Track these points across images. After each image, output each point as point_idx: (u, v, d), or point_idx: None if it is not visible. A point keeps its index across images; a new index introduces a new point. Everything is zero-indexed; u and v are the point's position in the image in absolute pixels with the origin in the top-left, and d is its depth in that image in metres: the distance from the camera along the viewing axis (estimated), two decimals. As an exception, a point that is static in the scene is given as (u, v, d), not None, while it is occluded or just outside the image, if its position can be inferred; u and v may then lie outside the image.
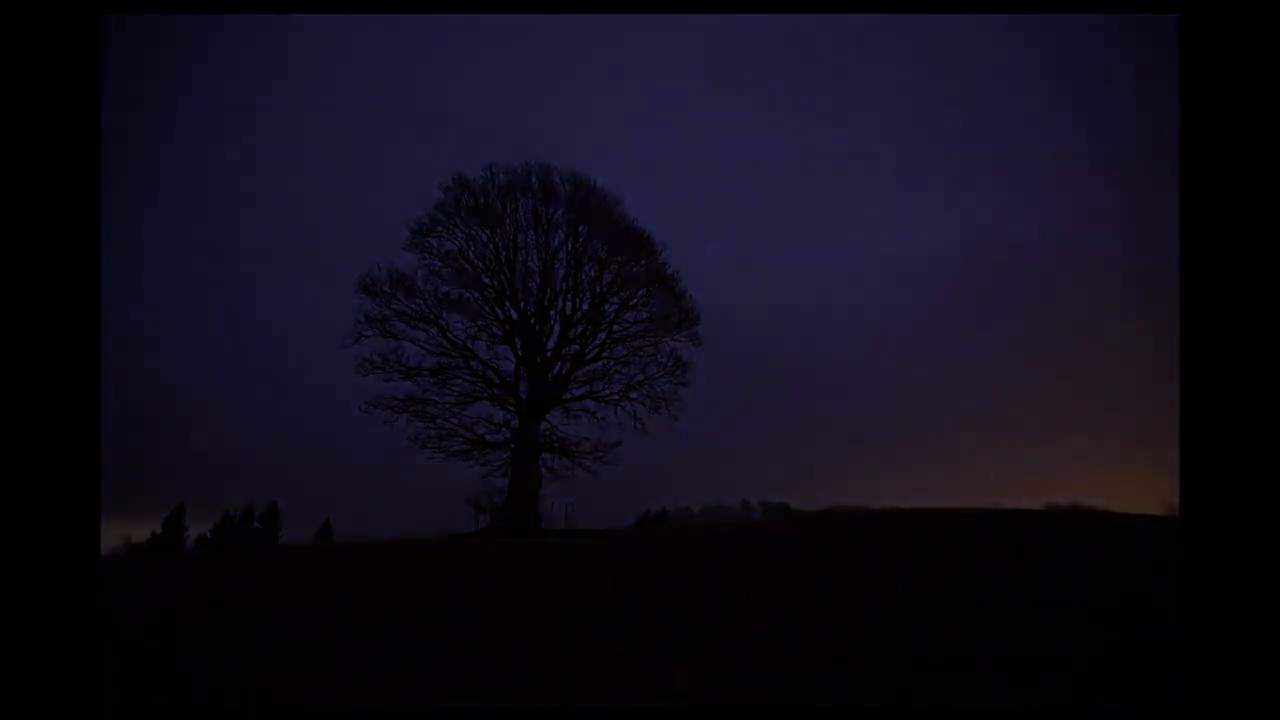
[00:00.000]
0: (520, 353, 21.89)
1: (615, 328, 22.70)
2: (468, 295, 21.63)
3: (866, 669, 4.60)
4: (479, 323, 21.73)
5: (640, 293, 22.55)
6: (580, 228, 22.10)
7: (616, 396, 22.49)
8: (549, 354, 22.20)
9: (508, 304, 21.96)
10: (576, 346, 22.55)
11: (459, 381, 21.67)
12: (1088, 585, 6.96)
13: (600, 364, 22.74)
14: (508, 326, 21.91)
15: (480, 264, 21.62)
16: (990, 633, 5.38)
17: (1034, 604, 6.22)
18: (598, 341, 22.69)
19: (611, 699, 4.25)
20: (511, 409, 21.71)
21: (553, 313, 22.33)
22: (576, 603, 6.91)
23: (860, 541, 10.93)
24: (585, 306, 22.43)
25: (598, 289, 22.36)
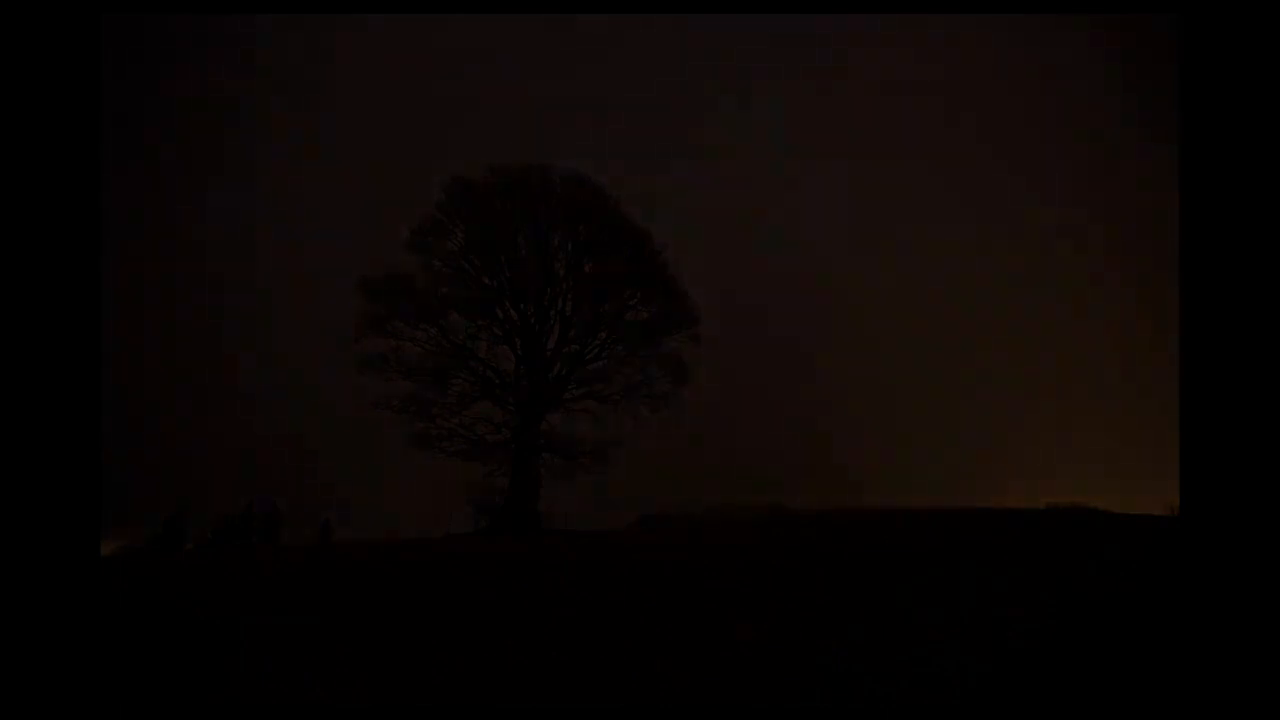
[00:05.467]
0: (520, 353, 21.88)
1: (615, 327, 22.67)
2: (468, 295, 21.62)
3: (864, 669, 4.60)
4: (479, 323, 21.72)
5: (640, 292, 22.52)
6: (580, 227, 22.08)
7: (617, 396, 22.46)
8: (549, 354, 22.18)
9: (508, 304, 21.95)
10: (576, 346, 22.53)
11: (459, 381, 21.66)
12: (1088, 585, 6.96)
13: (600, 364, 22.72)
14: (508, 326, 21.90)
15: (480, 264, 21.61)
16: (990, 633, 5.38)
17: (1035, 604, 6.22)
18: (597, 341, 22.67)
19: (612, 699, 4.25)
20: (511, 409, 21.69)
21: (552, 313, 22.31)
22: (577, 603, 6.91)
23: (859, 542, 10.92)
24: (585, 306, 22.40)
25: (597, 288, 22.33)
